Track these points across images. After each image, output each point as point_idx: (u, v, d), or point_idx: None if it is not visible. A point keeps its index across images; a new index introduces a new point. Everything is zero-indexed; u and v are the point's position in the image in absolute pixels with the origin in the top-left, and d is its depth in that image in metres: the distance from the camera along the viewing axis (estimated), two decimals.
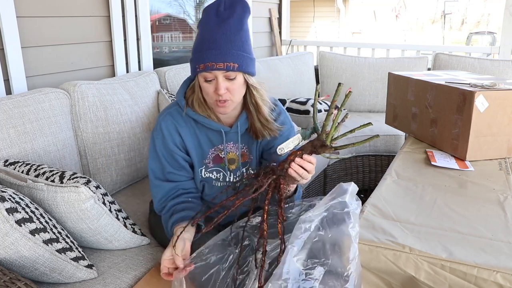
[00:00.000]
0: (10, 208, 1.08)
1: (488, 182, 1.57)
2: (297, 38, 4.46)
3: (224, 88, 1.24)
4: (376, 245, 1.16)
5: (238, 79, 1.26)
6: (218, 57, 1.21)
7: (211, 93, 1.26)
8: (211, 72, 1.22)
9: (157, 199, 1.41)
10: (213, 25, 1.23)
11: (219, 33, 1.22)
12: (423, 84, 1.99)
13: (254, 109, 1.36)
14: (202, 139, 1.39)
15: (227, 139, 1.40)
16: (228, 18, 1.23)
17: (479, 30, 13.99)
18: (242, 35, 1.25)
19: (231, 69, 1.22)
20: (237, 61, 1.23)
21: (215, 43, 1.21)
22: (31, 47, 1.87)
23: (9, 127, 1.49)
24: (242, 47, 1.24)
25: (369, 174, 2.91)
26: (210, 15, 1.25)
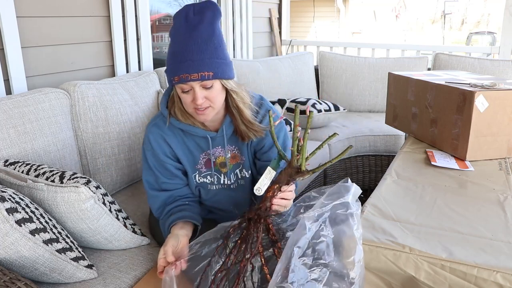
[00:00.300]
0: (10, 208, 1.08)
1: (488, 182, 1.57)
2: (297, 38, 4.46)
3: (202, 98, 1.22)
4: (376, 245, 1.16)
5: (216, 86, 1.24)
6: (192, 68, 1.18)
7: (189, 103, 1.24)
8: (187, 84, 1.20)
9: (154, 208, 1.42)
10: (184, 34, 1.20)
11: (190, 42, 1.19)
12: (423, 84, 1.99)
13: (237, 113, 1.34)
14: (191, 146, 1.39)
15: (214, 143, 1.39)
16: (198, 24, 1.20)
17: (479, 30, 13.99)
18: (214, 41, 1.21)
19: (206, 78, 1.19)
20: (212, 69, 1.20)
21: (187, 53, 1.18)
22: (31, 47, 1.87)
23: (9, 127, 1.49)
24: (216, 53, 1.21)
25: (369, 174, 2.91)
26: (180, 22, 1.22)
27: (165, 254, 1.22)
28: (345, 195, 1.08)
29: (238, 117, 1.34)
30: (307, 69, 3.46)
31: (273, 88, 3.13)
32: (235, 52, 3.44)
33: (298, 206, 1.20)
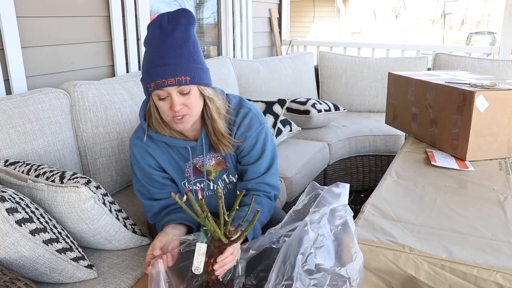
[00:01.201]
0: (10, 208, 1.08)
1: (488, 182, 1.57)
2: (297, 38, 4.46)
3: (180, 104, 1.18)
4: (376, 245, 1.16)
5: (193, 92, 1.20)
6: (168, 73, 1.15)
7: (167, 110, 1.20)
8: (164, 90, 1.16)
9: (149, 216, 1.42)
10: (158, 41, 1.17)
11: (165, 48, 1.16)
12: (423, 84, 1.99)
13: (210, 123, 1.29)
14: (176, 156, 1.36)
15: (196, 153, 1.35)
16: (172, 31, 1.17)
17: (479, 30, 13.98)
18: (189, 46, 1.18)
19: (183, 83, 1.16)
20: (189, 73, 1.16)
21: (162, 58, 1.15)
22: (31, 47, 1.87)
23: (9, 127, 1.49)
24: (192, 58, 1.18)
25: (369, 174, 2.91)
26: (154, 30, 1.19)
27: (152, 248, 1.21)
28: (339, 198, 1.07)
29: (210, 127, 1.30)
30: (307, 69, 3.46)
31: (273, 88, 3.12)
32: (235, 52, 3.44)
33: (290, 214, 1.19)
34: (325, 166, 2.65)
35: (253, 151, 1.37)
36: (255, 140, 1.35)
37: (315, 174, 2.47)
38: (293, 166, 2.24)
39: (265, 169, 1.39)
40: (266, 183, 1.39)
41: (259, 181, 1.38)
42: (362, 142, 2.82)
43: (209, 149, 1.36)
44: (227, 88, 2.73)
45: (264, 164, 1.38)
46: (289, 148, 2.45)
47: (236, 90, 2.88)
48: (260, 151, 1.37)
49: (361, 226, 1.25)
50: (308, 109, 2.72)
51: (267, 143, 1.38)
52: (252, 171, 1.38)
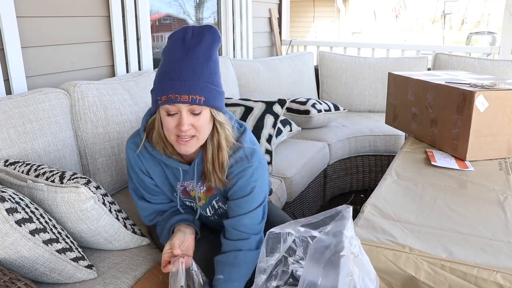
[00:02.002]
0: (10, 208, 1.08)
1: (488, 182, 1.57)
2: (297, 38, 4.46)
3: (188, 124, 1.11)
4: (376, 245, 1.16)
5: (204, 114, 1.13)
6: (183, 89, 1.08)
7: (173, 128, 1.13)
8: (174, 105, 1.10)
9: (143, 215, 1.41)
10: (179, 54, 1.11)
11: (184, 63, 1.09)
12: (423, 84, 1.99)
13: (214, 150, 1.20)
14: (168, 172, 1.30)
15: (187, 177, 1.29)
16: (195, 46, 1.11)
17: (479, 30, 13.98)
18: (211, 66, 1.12)
19: (196, 102, 1.09)
20: (204, 93, 1.10)
21: (180, 73, 1.09)
22: (31, 47, 1.87)
23: (9, 127, 1.49)
24: (211, 79, 1.12)
25: (369, 174, 2.91)
26: (176, 42, 1.13)
27: (171, 247, 1.20)
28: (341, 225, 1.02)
29: (211, 155, 1.21)
30: (307, 69, 3.46)
31: (273, 88, 3.12)
32: (235, 52, 3.44)
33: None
34: (325, 166, 2.65)
35: (235, 189, 1.25)
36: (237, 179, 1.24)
37: (315, 174, 2.47)
38: (293, 166, 2.24)
39: (247, 210, 1.25)
40: (246, 224, 1.25)
41: (239, 222, 1.25)
42: (362, 142, 2.82)
43: (201, 176, 1.28)
44: (227, 88, 2.73)
45: (246, 204, 1.25)
46: (289, 148, 2.45)
47: (236, 90, 2.88)
48: (243, 190, 1.25)
49: (361, 226, 1.25)
50: (308, 109, 2.72)
51: (252, 183, 1.24)
52: (234, 209, 1.26)
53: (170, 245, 1.21)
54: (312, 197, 2.56)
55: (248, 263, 1.24)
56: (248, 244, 1.25)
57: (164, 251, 1.22)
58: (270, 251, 1.02)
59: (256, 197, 1.26)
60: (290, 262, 1.01)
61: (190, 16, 3.20)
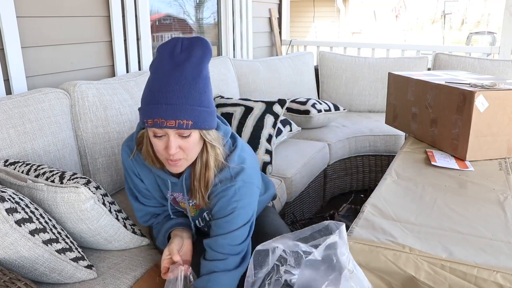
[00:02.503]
0: (10, 208, 1.08)
1: (488, 182, 1.57)
2: (297, 38, 4.46)
3: (176, 147, 1.08)
4: (376, 245, 1.16)
5: (193, 136, 1.10)
6: (169, 114, 1.04)
7: (161, 150, 1.11)
8: (162, 129, 1.07)
9: (138, 216, 1.40)
10: (166, 71, 1.05)
11: (171, 83, 1.04)
12: (423, 84, 1.99)
13: (201, 167, 1.18)
14: (159, 181, 1.29)
15: (176, 189, 1.28)
16: (183, 63, 1.05)
17: (479, 30, 13.98)
18: (199, 84, 1.06)
19: (183, 127, 1.05)
20: (192, 117, 1.05)
21: (166, 95, 1.04)
22: (31, 47, 1.87)
23: (9, 127, 1.49)
24: (199, 99, 1.07)
25: (369, 174, 2.91)
26: (164, 56, 1.08)
27: (170, 253, 1.20)
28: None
29: (199, 172, 1.18)
30: (307, 69, 3.46)
31: (273, 88, 3.12)
32: (235, 52, 3.44)
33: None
34: (325, 166, 2.65)
35: (216, 209, 1.21)
36: (218, 198, 1.20)
37: (315, 174, 2.47)
38: (293, 166, 2.24)
39: (227, 231, 1.19)
40: (224, 245, 1.19)
41: (217, 241, 1.20)
42: (362, 142, 2.82)
43: (188, 190, 1.26)
44: (227, 88, 2.73)
45: (226, 224, 1.20)
46: (289, 148, 2.45)
47: (236, 90, 2.88)
48: (223, 210, 1.20)
49: (361, 226, 1.25)
50: (308, 109, 2.72)
51: (233, 204, 1.19)
52: (214, 227, 1.22)
53: (169, 251, 1.21)
54: (312, 197, 2.56)
55: (223, 285, 1.18)
56: (224, 265, 1.19)
57: (163, 257, 1.22)
58: (259, 265, 1.00)
59: (237, 218, 1.19)
60: (282, 271, 1.01)
61: (190, 16, 3.20)
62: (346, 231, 1.22)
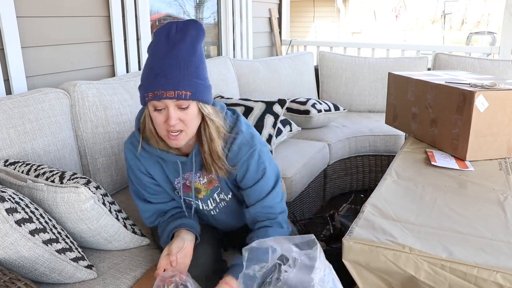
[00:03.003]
0: (10, 208, 1.08)
1: (488, 182, 1.57)
2: (297, 38, 4.46)
3: (176, 119, 1.12)
4: (376, 245, 1.16)
5: (192, 108, 1.14)
6: (168, 85, 1.09)
7: (162, 123, 1.14)
8: (161, 101, 1.11)
9: (145, 217, 1.41)
10: (163, 50, 1.12)
11: (169, 58, 1.11)
12: (423, 84, 1.99)
13: (207, 142, 1.22)
14: (167, 169, 1.32)
15: (186, 168, 1.30)
16: (179, 42, 1.12)
17: (479, 30, 13.98)
18: (195, 60, 1.13)
19: (182, 97, 1.10)
20: (190, 88, 1.11)
21: (165, 69, 1.10)
22: (31, 47, 1.87)
23: (9, 127, 1.49)
24: (196, 73, 1.13)
25: (369, 174, 2.91)
26: (160, 38, 1.14)
27: (169, 253, 1.20)
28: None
29: (207, 147, 1.22)
30: (307, 69, 3.46)
31: (273, 88, 3.12)
32: (235, 52, 3.44)
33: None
34: (325, 166, 2.65)
35: (247, 176, 1.28)
36: (246, 165, 1.26)
37: (315, 174, 2.47)
38: (293, 166, 2.24)
39: (266, 192, 1.29)
40: (269, 206, 1.29)
41: (262, 205, 1.29)
42: (362, 142, 2.82)
43: (200, 167, 1.29)
44: (227, 88, 2.73)
45: (263, 187, 1.29)
46: (289, 148, 2.45)
47: (236, 90, 2.88)
48: (254, 174, 1.27)
49: (361, 226, 1.25)
50: (308, 109, 2.72)
51: (261, 165, 1.28)
52: (252, 195, 1.29)
53: (168, 251, 1.22)
54: (312, 197, 2.56)
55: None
56: (276, 223, 1.29)
57: (161, 255, 1.22)
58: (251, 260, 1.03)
59: (270, 177, 1.29)
60: (283, 270, 1.02)
61: (190, 16, 3.21)
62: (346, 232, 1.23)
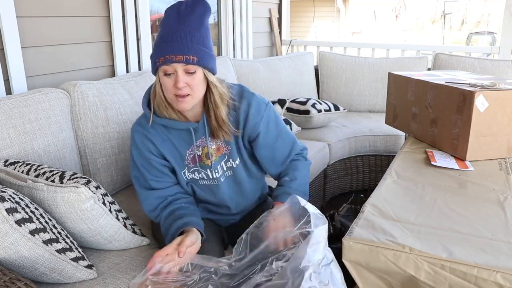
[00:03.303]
0: (10, 208, 1.08)
1: (488, 182, 1.57)
2: (297, 38, 4.46)
3: (184, 82, 1.23)
4: (376, 245, 1.16)
5: (198, 74, 1.25)
6: (178, 50, 1.20)
7: (171, 87, 1.24)
8: (171, 65, 1.21)
9: (148, 210, 1.41)
10: (173, 22, 1.23)
11: (179, 28, 1.22)
12: (423, 84, 1.99)
13: (213, 108, 1.33)
14: (176, 142, 1.38)
15: (197, 135, 1.38)
16: (188, 16, 1.24)
17: (479, 30, 13.98)
18: (202, 31, 1.24)
19: (190, 62, 1.21)
20: (197, 54, 1.22)
21: (174, 36, 1.21)
22: (31, 47, 1.87)
23: (9, 127, 1.49)
24: (203, 42, 1.24)
25: (369, 174, 2.91)
26: (171, 14, 1.26)
27: (181, 243, 1.21)
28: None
29: (212, 113, 1.33)
30: (307, 69, 3.46)
31: (273, 88, 3.12)
32: (235, 52, 3.44)
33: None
34: (325, 166, 2.65)
35: (270, 131, 1.41)
36: (267, 119, 1.40)
37: (315, 174, 2.47)
38: None
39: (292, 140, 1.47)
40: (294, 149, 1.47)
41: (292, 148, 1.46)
42: (362, 142, 2.82)
43: (209, 133, 1.38)
44: None
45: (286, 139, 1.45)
46: None
47: None
48: (275, 125, 1.43)
49: (361, 226, 1.25)
50: (308, 109, 2.72)
51: (278, 118, 1.44)
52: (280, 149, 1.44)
53: (180, 240, 1.23)
54: (312, 197, 2.56)
55: (306, 170, 1.47)
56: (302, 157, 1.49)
57: (172, 242, 1.22)
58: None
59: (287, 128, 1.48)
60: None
61: None
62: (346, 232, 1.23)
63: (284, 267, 1.01)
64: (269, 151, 1.43)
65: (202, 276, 1.15)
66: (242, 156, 1.43)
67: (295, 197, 1.18)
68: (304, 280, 0.95)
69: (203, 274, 1.15)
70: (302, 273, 0.96)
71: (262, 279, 1.04)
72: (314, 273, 0.98)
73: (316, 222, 1.08)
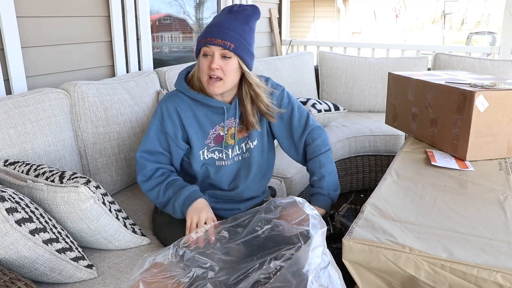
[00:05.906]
0: (10, 208, 1.08)
1: (488, 182, 1.57)
2: (297, 38, 4.46)
3: (218, 64, 1.33)
4: (376, 245, 1.16)
5: (233, 61, 1.36)
6: (218, 35, 1.33)
7: (206, 68, 1.35)
8: (209, 47, 1.34)
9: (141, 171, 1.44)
10: (224, 17, 1.38)
11: (225, 20, 1.36)
12: (423, 84, 1.99)
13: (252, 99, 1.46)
14: (203, 120, 1.46)
15: (230, 114, 1.48)
16: (237, 13, 1.38)
17: (479, 30, 13.98)
18: (245, 28, 1.37)
19: (227, 47, 1.33)
20: (235, 42, 1.34)
21: (219, 25, 1.35)
22: (31, 47, 1.87)
23: (9, 127, 1.49)
24: (243, 36, 1.36)
25: (369, 174, 2.91)
26: (224, 10, 1.42)
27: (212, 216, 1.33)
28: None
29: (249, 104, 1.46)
30: (307, 69, 3.46)
31: None
32: None
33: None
34: None
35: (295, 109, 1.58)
36: (288, 100, 1.58)
37: None
38: (293, 166, 2.24)
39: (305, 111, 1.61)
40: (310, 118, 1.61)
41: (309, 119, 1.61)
42: (362, 142, 2.82)
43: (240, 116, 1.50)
44: None
45: (308, 121, 1.59)
46: None
47: None
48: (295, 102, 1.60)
49: (361, 226, 1.25)
50: (308, 109, 2.72)
51: (301, 106, 1.62)
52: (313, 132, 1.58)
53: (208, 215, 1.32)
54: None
55: (330, 163, 1.58)
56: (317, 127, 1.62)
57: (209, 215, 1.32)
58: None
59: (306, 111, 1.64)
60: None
61: (190, 16, 3.20)
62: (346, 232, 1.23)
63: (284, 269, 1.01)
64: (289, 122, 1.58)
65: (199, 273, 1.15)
66: (259, 137, 1.55)
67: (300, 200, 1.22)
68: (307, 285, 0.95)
69: (198, 270, 1.16)
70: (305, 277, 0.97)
71: (260, 277, 1.04)
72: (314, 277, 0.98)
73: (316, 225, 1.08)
